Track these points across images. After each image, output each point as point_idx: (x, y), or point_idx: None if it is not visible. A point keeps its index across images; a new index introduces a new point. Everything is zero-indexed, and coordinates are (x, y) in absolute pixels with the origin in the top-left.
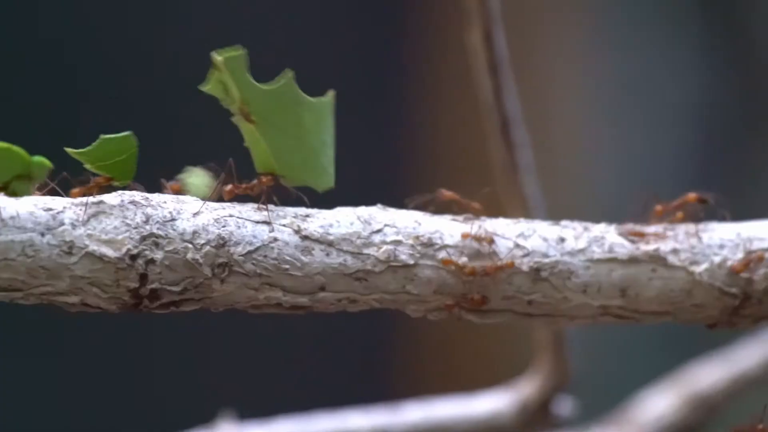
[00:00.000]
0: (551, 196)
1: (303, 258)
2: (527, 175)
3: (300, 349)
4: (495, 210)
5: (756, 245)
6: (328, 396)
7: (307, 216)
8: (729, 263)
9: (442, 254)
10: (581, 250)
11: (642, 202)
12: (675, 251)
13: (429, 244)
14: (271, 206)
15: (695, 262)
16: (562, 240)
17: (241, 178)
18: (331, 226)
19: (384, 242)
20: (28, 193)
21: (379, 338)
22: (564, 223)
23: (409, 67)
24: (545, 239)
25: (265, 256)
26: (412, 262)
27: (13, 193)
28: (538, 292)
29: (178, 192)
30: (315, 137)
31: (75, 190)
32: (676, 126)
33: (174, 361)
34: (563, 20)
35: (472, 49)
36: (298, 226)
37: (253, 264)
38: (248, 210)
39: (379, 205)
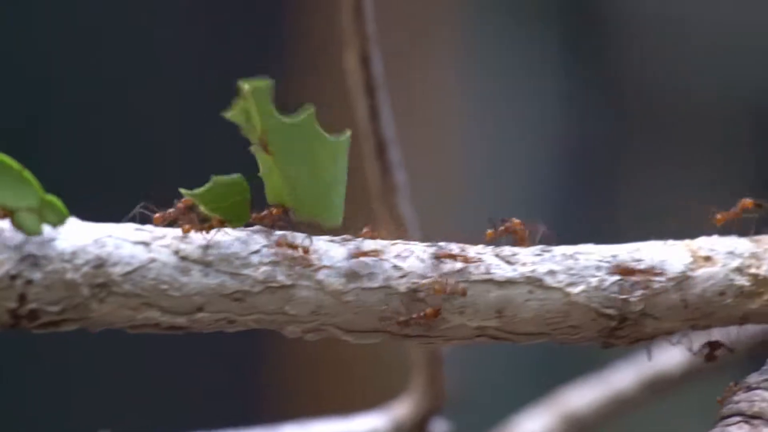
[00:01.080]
0: (426, 217)
1: (181, 278)
2: (403, 196)
3: (176, 371)
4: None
5: (632, 267)
6: (204, 418)
7: (186, 237)
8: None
9: (320, 275)
10: (458, 271)
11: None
12: (552, 272)
13: (307, 264)
14: (149, 226)
15: (572, 284)
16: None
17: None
18: (209, 246)
19: (262, 263)
20: (38, 231)
21: (257, 359)
22: (441, 243)
23: (286, 88)
24: (422, 260)
25: (144, 277)
26: (290, 282)
27: (18, 225)
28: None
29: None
30: (329, 173)
31: (186, 227)
32: (546, 147)
33: (47, 383)
34: (438, 43)
35: (349, 71)
36: (177, 247)
37: (131, 284)
38: (127, 230)
39: (257, 226)
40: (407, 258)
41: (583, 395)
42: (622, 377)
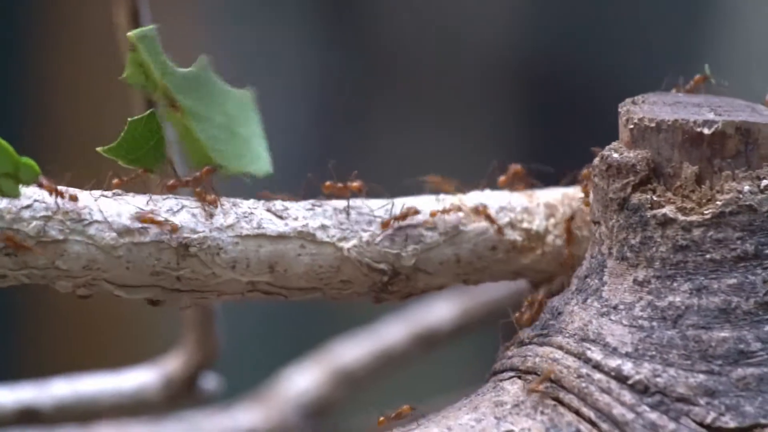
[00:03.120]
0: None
1: None
2: (174, 151)
3: None
4: (142, 187)
5: (416, 220)
6: None
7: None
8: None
9: (91, 230)
10: (230, 226)
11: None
12: (324, 227)
13: (78, 219)
14: None
15: (344, 239)
16: (211, 216)
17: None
18: None
19: (34, 218)
20: (17, 195)
21: (26, 314)
22: (212, 197)
23: (57, 46)
24: (194, 215)
25: None
26: (61, 237)
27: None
28: (187, 268)
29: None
30: (243, 127)
31: (115, 181)
32: (305, 101)
33: None
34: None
35: (118, 27)
36: None
37: None
38: None
39: None
40: (178, 212)
41: (353, 349)
42: (393, 332)
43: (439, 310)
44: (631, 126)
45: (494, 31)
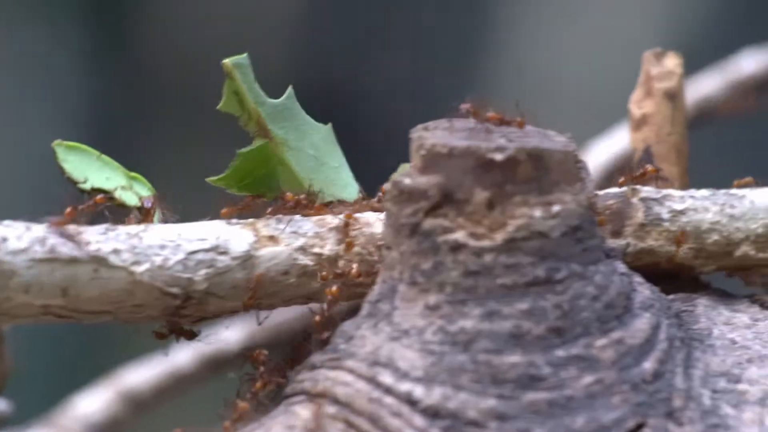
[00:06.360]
0: None
1: None
2: None
3: None
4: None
5: (196, 246)
6: None
7: None
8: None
9: None
10: (24, 250)
11: None
12: (116, 251)
13: None
14: None
15: (137, 263)
16: (5, 240)
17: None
18: None
19: None
20: (137, 205)
21: None
22: (6, 222)
23: None
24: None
25: None
26: None
27: (121, 203)
28: None
29: None
30: (331, 158)
31: (225, 210)
32: (74, 121)
33: None
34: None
35: None
36: None
37: None
38: None
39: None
40: None
41: (142, 372)
42: (181, 355)
43: (229, 333)
44: (423, 152)
45: (277, 57)
